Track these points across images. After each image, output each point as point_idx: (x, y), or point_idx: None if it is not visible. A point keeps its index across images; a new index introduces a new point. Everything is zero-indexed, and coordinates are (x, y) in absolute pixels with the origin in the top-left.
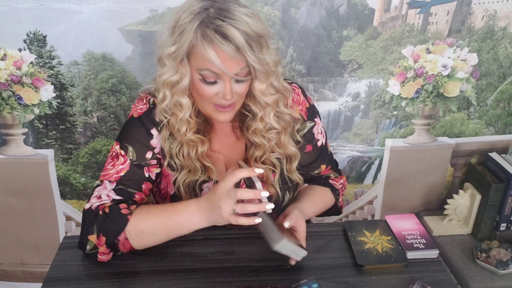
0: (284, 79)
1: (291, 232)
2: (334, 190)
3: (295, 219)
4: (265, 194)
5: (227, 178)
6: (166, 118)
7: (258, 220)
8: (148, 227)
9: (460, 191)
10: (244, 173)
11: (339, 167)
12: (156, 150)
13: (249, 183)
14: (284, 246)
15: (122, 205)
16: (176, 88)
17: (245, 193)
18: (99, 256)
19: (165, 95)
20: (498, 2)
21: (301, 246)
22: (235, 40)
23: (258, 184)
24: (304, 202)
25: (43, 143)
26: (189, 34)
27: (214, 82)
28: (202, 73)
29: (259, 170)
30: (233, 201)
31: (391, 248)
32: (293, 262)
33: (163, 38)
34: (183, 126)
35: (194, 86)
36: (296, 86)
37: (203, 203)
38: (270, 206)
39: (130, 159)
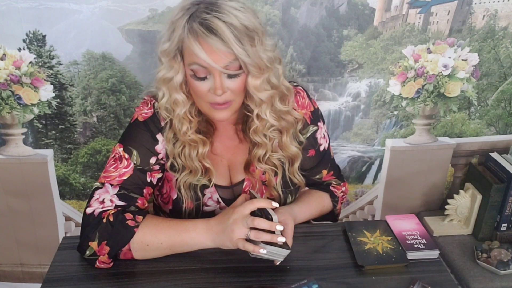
0: (289, 82)
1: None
2: (333, 197)
3: (281, 217)
4: (280, 228)
5: (245, 205)
6: (168, 116)
7: (263, 251)
8: (154, 241)
9: (461, 191)
10: (262, 203)
11: (340, 170)
12: (160, 156)
13: (259, 212)
14: (260, 251)
15: (128, 215)
16: (170, 84)
17: (262, 223)
18: (97, 263)
19: (163, 92)
20: (499, 1)
21: (285, 245)
22: (220, 32)
23: (275, 217)
24: (298, 204)
25: (43, 143)
26: (179, 30)
27: (205, 78)
28: (192, 68)
29: (276, 204)
30: (247, 228)
31: (391, 248)
32: (276, 263)
33: (161, 36)
34: (183, 124)
35: (189, 83)
36: (301, 89)
37: (213, 224)
38: (281, 240)
39: (134, 163)
